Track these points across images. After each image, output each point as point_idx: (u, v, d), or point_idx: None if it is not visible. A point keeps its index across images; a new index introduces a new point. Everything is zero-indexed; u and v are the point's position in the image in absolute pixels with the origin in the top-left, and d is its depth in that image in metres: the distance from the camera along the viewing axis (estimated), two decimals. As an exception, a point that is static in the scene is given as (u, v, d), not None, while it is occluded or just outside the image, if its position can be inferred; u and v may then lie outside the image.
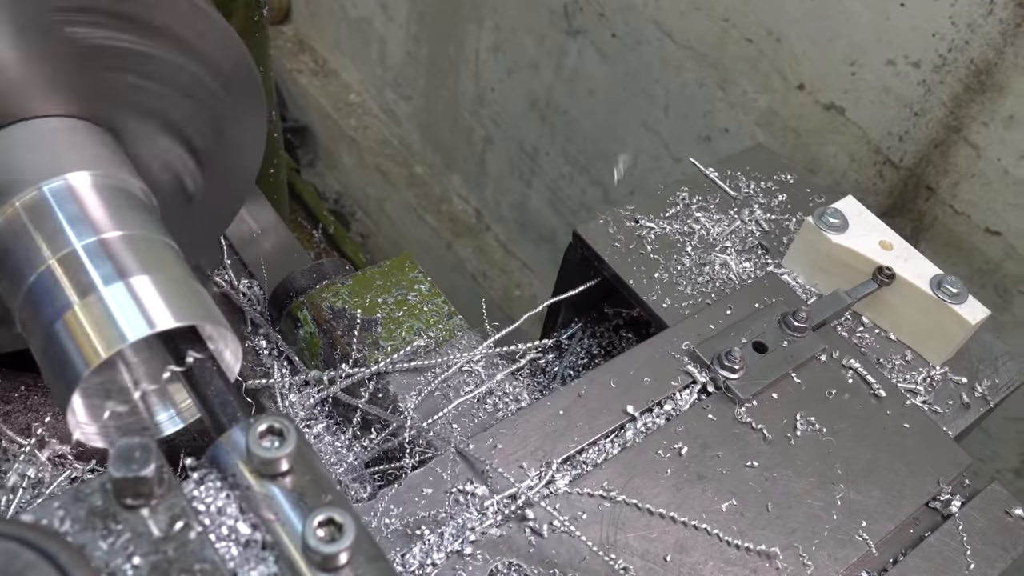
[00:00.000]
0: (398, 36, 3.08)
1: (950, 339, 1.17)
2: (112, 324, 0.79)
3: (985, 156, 1.60)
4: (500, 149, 2.85)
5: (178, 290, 0.84)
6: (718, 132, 2.08)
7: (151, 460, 0.64)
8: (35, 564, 0.59)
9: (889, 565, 1.00)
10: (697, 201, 1.32)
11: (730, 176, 1.37)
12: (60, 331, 0.80)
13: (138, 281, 0.82)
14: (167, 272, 0.85)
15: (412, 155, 3.32)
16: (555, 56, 2.43)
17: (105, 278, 0.82)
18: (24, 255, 0.85)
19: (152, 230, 0.89)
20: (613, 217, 1.27)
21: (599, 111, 2.38)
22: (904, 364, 1.19)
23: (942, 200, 1.71)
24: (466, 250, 3.13)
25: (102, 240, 0.84)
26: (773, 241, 1.29)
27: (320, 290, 1.26)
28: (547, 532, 0.93)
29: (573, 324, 1.32)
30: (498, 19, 2.58)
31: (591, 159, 2.49)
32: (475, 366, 1.19)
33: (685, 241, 1.26)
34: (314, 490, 0.70)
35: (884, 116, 1.73)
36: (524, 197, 2.85)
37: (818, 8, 1.72)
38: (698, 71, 2.04)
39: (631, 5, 2.11)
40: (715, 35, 1.95)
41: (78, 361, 0.79)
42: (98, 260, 0.83)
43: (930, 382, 1.18)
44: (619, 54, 2.22)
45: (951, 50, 1.57)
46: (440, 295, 1.27)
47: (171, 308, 0.81)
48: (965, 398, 1.18)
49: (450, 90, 2.94)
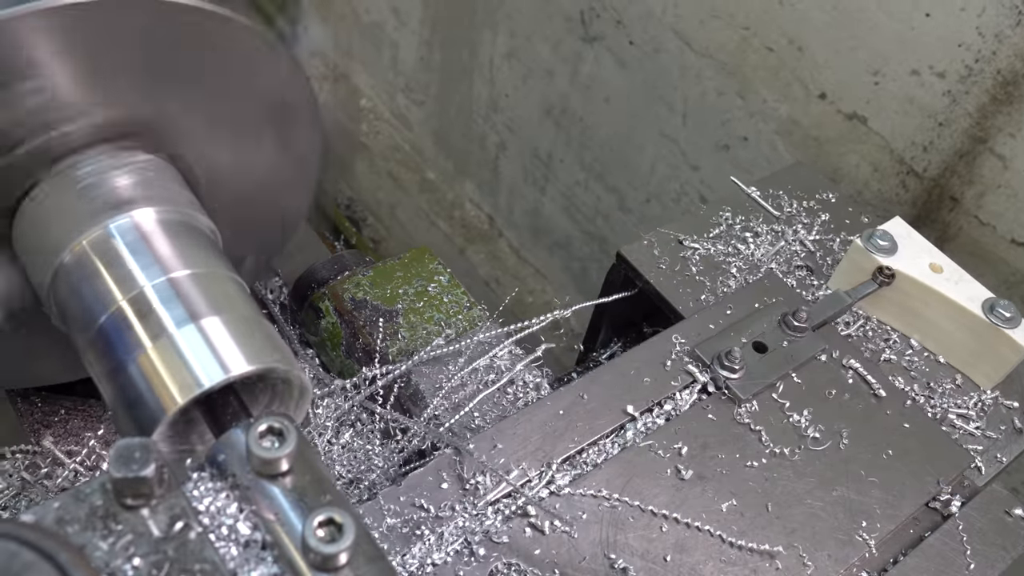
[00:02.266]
0: (411, 41, 3.07)
1: (1003, 363, 1.15)
2: (187, 369, 0.79)
3: (1012, 167, 1.59)
4: (514, 155, 2.84)
5: (249, 331, 0.83)
6: (737, 141, 2.07)
7: (151, 460, 0.63)
8: (35, 564, 0.59)
9: (889, 565, 1.01)
10: (740, 221, 1.31)
11: (772, 195, 1.37)
12: (134, 374, 0.80)
13: (209, 323, 0.81)
14: (236, 312, 0.84)
15: (424, 160, 3.31)
16: (571, 63, 2.42)
17: (177, 321, 0.81)
18: (93, 294, 0.85)
19: (219, 266, 0.89)
20: (657, 238, 1.27)
21: (615, 118, 2.37)
22: (955, 388, 1.18)
23: (967, 211, 1.70)
24: (479, 256, 3.12)
25: (171, 280, 0.84)
26: (818, 261, 1.29)
27: (341, 281, 1.27)
28: (547, 532, 0.93)
29: (613, 344, 1.32)
30: (513, 25, 2.57)
31: (607, 166, 2.48)
32: (498, 360, 1.19)
33: (730, 262, 1.26)
34: (314, 490, 0.70)
35: (908, 126, 1.72)
36: (538, 204, 2.84)
37: (841, 18, 1.71)
38: (717, 79, 2.03)
39: (650, 12, 2.10)
40: (735, 43, 1.94)
41: (155, 407, 0.78)
42: (169, 301, 0.82)
43: (981, 407, 1.17)
44: (636, 61, 2.21)
45: (977, 60, 1.56)
46: (459, 286, 1.28)
47: (244, 352, 0.81)
48: (1018, 423, 1.17)
49: (463, 96, 2.93)
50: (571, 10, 2.32)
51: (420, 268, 1.30)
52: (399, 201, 3.38)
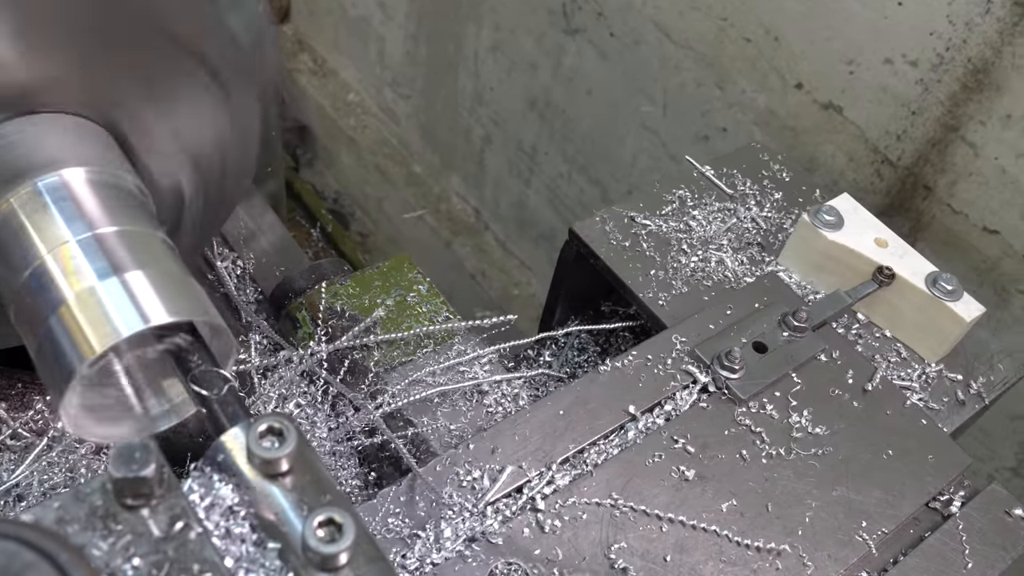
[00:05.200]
0: (397, 35, 3.08)
1: (945, 336, 1.17)
2: (106, 319, 0.79)
3: (983, 155, 1.60)
4: (499, 148, 2.85)
5: (173, 285, 0.84)
6: (716, 132, 2.08)
7: (151, 460, 0.63)
8: (35, 564, 0.58)
9: (889, 565, 1.00)
10: (693, 199, 1.32)
11: (726, 174, 1.38)
12: (55, 326, 0.80)
13: (132, 276, 0.82)
14: (161, 267, 0.85)
15: (411, 154, 3.32)
16: (554, 55, 2.43)
17: (100, 273, 0.82)
18: (19, 251, 0.85)
19: (147, 226, 0.89)
20: (610, 215, 1.27)
21: (597, 110, 2.38)
22: (899, 361, 1.19)
23: (940, 199, 1.71)
24: (465, 249, 3.13)
25: (97, 235, 0.84)
26: (769, 238, 1.29)
27: (319, 291, 1.26)
28: (547, 532, 0.93)
29: (571, 322, 1.32)
30: (497, 18, 2.58)
31: (589, 158, 2.49)
32: (473, 369, 1.18)
33: (681, 239, 1.26)
34: (314, 490, 0.70)
35: (882, 115, 1.73)
36: (523, 196, 2.85)
37: (816, 7, 1.73)
38: (696, 70, 2.04)
39: (629, 4, 2.11)
40: (713, 34, 1.96)
41: (73, 356, 0.79)
42: (92, 255, 0.83)
43: (925, 379, 1.18)
44: (617, 53, 2.22)
45: (948, 49, 1.57)
46: (439, 296, 1.27)
47: (165, 303, 0.81)
48: (960, 395, 1.18)
49: (449, 89, 2.94)
50: (553, 3, 2.33)
51: (399, 277, 1.28)
52: (386, 195, 3.39)
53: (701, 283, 1.21)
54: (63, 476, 0.99)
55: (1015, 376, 1.21)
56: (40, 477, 0.98)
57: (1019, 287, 1.64)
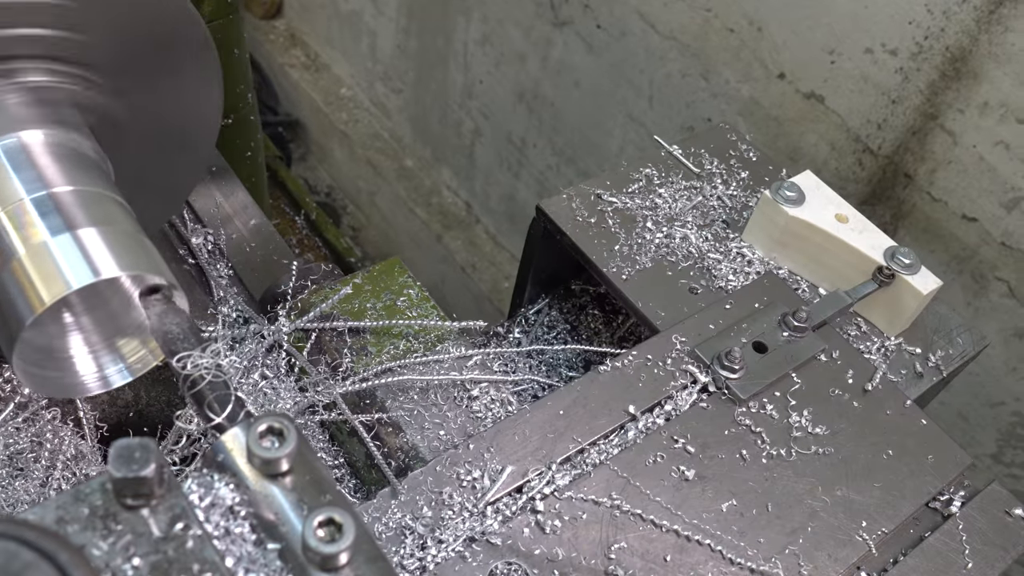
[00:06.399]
0: (388, 29, 3.09)
1: (904, 309, 1.18)
2: (58, 273, 0.81)
3: (961, 143, 1.61)
4: (489, 141, 2.86)
5: (125, 242, 0.85)
6: (701, 122, 2.09)
7: (151, 460, 0.63)
8: (35, 564, 0.58)
9: (889, 565, 1.00)
10: (660, 177, 1.33)
11: (694, 153, 1.39)
12: (6, 280, 0.82)
13: (85, 233, 0.83)
14: (115, 226, 0.86)
15: (402, 148, 3.33)
16: (542, 48, 2.44)
17: (53, 229, 0.83)
18: None
19: (103, 187, 0.90)
20: (576, 192, 1.28)
21: (585, 102, 2.39)
22: (860, 334, 1.20)
23: (920, 187, 1.72)
24: (456, 242, 3.15)
25: (52, 194, 0.86)
26: (734, 215, 1.30)
27: (308, 295, 1.25)
28: (547, 532, 0.93)
29: (540, 300, 1.33)
30: (486, 11, 2.59)
31: (577, 150, 2.50)
32: (461, 372, 1.17)
33: (647, 216, 1.27)
34: (314, 490, 0.70)
35: (863, 104, 1.74)
36: (513, 189, 2.86)
37: (798, -3, 1.74)
38: (681, 61, 2.05)
39: (615, -4, 2.12)
40: (698, 25, 1.97)
41: (23, 308, 0.80)
42: (47, 212, 0.84)
43: (885, 352, 1.19)
44: (604, 45, 2.24)
45: (927, 37, 1.58)
46: (429, 300, 1.25)
47: (116, 258, 0.83)
48: (919, 368, 1.19)
49: (439, 83, 2.96)
50: (541, -5, 2.34)
51: (389, 281, 1.26)
52: (378, 189, 3.41)
53: (666, 258, 1.22)
54: (28, 442, 1.00)
55: (974, 350, 1.22)
56: (6, 441, 0.99)
57: (997, 274, 1.65)
